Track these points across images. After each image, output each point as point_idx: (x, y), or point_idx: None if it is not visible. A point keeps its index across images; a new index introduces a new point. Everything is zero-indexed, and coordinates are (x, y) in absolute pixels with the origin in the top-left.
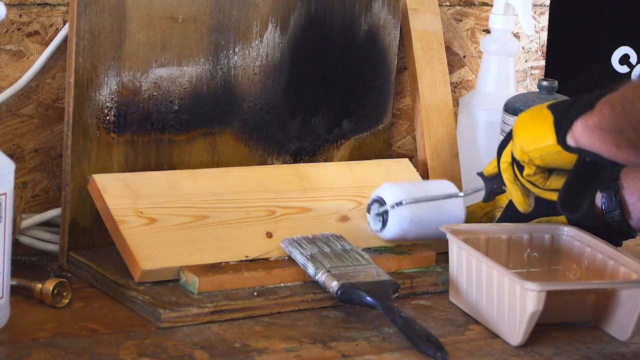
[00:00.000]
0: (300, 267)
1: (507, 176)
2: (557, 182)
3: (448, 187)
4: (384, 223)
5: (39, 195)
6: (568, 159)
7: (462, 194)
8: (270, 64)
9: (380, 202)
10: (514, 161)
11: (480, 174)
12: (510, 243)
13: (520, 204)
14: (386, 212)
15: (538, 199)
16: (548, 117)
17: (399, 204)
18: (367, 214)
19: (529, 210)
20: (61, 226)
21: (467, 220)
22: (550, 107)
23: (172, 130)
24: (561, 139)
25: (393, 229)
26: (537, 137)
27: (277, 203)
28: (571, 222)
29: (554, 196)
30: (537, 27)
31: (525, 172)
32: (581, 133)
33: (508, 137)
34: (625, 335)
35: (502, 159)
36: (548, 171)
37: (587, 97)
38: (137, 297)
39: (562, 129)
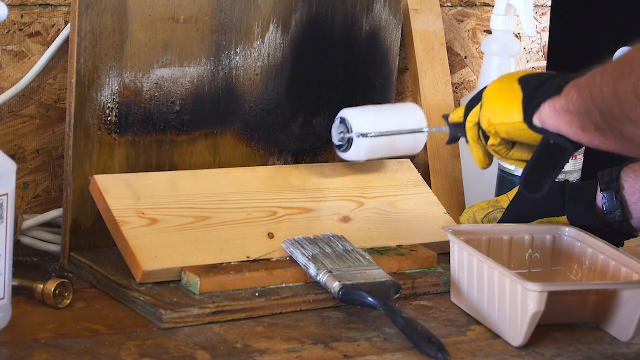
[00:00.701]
0: (301, 267)
1: (471, 135)
2: (520, 153)
3: (414, 113)
4: (347, 147)
5: (40, 195)
6: (533, 136)
7: (425, 129)
8: (272, 64)
9: (347, 125)
10: (480, 128)
11: (446, 118)
12: (512, 244)
13: (480, 162)
14: (351, 139)
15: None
16: (517, 94)
17: (365, 135)
18: (332, 128)
19: (486, 167)
20: (62, 227)
21: (468, 223)
22: (521, 81)
23: (173, 131)
24: (528, 118)
25: (352, 155)
26: (505, 112)
27: (279, 203)
28: (572, 223)
29: (514, 164)
30: (538, 27)
31: (489, 142)
32: (548, 115)
33: (477, 98)
34: (626, 335)
35: (469, 118)
36: (511, 142)
37: (557, 79)
38: (138, 298)
39: (529, 108)
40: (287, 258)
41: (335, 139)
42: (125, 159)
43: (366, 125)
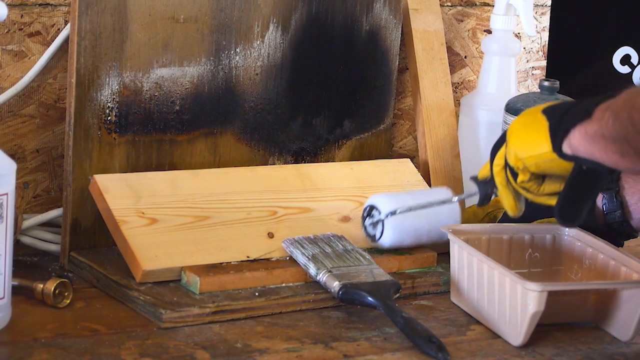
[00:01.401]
0: (301, 267)
1: (499, 180)
2: (551, 186)
3: (444, 193)
4: (381, 233)
5: (41, 195)
6: (563, 166)
7: (455, 199)
8: (272, 64)
9: (374, 211)
10: (508, 167)
11: (474, 178)
12: (512, 243)
13: (511, 209)
14: (381, 221)
15: (535, 203)
16: (543, 123)
17: (393, 213)
18: (362, 225)
19: (518, 215)
20: (62, 226)
21: (468, 222)
22: (545, 112)
23: (173, 131)
24: (557, 147)
25: (389, 238)
26: (531, 144)
27: (279, 203)
28: None
29: (547, 200)
30: (538, 27)
31: (519, 179)
32: (579, 141)
33: (501, 140)
34: (626, 335)
35: (495, 162)
36: (542, 177)
37: (585, 103)
38: (138, 298)
39: (558, 136)
40: (287, 258)
41: (370, 231)
42: (125, 158)
43: (394, 204)
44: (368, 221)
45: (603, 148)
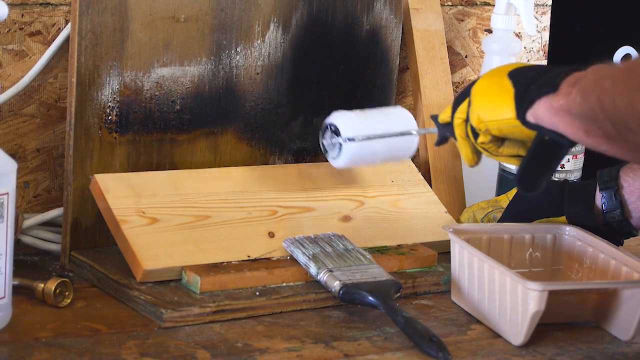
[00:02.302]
0: (302, 266)
1: (459, 132)
2: (510, 149)
3: (404, 120)
4: (338, 153)
5: (41, 195)
6: (526, 133)
7: (415, 132)
8: (272, 63)
9: (335, 131)
10: (469, 125)
11: (434, 118)
12: (512, 243)
13: (468, 160)
14: (340, 144)
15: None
16: (509, 89)
17: (352, 139)
18: (321, 136)
19: (475, 166)
20: (63, 226)
21: (468, 222)
22: (511, 76)
23: (174, 130)
24: (521, 115)
25: (345, 160)
26: (496, 109)
27: (279, 203)
28: (571, 223)
29: (505, 161)
30: (539, 26)
31: (479, 140)
32: (544, 112)
33: (465, 94)
34: (627, 335)
35: (457, 114)
36: (501, 139)
37: (552, 74)
38: (139, 297)
39: (522, 105)
40: (288, 257)
41: (326, 146)
42: (125, 158)
43: (354, 128)
44: (327, 138)
45: (568, 123)
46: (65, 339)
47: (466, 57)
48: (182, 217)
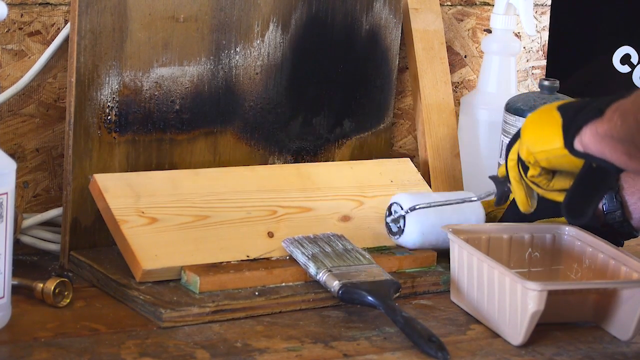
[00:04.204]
0: (301, 266)
1: (513, 174)
2: (561, 183)
3: (463, 194)
4: (402, 229)
5: (40, 194)
6: (574, 163)
7: (475, 197)
8: (272, 63)
9: (396, 207)
10: (520, 161)
11: (493, 177)
12: (512, 243)
13: (522, 204)
14: (402, 217)
15: (541, 202)
16: (557, 119)
17: (413, 208)
18: (385, 222)
19: (530, 211)
20: (62, 226)
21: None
22: (560, 108)
23: (173, 130)
24: (568, 143)
25: (410, 235)
26: (544, 139)
27: (279, 203)
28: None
29: (556, 197)
30: (538, 26)
31: (529, 173)
32: (590, 139)
33: (516, 136)
34: (626, 335)
35: (510, 156)
36: (552, 172)
37: (598, 102)
38: (138, 297)
39: (570, 133)
40: (287, 257)
41: (392, 229)
42: (125, 158)
43: (416, 200)
44: (389, 218)
45: (612, 148)
46: (64, 338)
47: (465, 57)
48: (182, 217)
